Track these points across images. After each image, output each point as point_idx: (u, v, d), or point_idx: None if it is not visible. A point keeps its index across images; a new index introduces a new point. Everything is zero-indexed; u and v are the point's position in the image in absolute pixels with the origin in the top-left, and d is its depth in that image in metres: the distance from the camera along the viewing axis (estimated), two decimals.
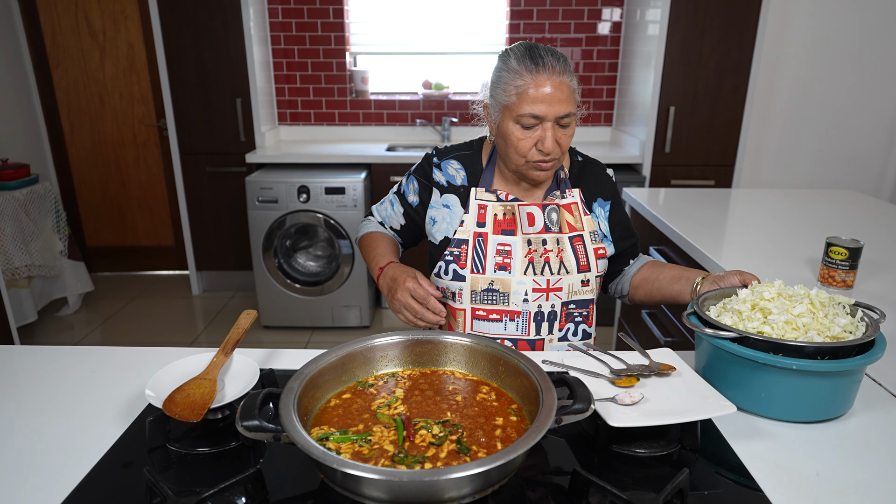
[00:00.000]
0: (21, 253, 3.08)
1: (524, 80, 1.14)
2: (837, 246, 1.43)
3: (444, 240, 1.31)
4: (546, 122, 1.15)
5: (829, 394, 0.91)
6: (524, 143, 1.18)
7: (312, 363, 0.87)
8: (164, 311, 3.62)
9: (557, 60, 1.15)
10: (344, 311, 3.35)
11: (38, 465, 0.83)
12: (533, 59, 1.14)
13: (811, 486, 0.79)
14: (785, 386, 0.91)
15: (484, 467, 0.65)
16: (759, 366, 0.91)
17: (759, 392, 0.93)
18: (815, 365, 0.87)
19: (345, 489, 0.69)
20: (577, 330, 1.31)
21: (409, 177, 1.40)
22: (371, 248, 1.38)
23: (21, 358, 1.15)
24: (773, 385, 0.92)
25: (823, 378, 0.90)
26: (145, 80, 3.77)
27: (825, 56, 3.54)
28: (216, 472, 0.82)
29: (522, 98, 1.15)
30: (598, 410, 0.84)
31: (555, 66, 1.14)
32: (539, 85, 1.13)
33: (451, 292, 1.31)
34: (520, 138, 1.18)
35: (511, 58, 1.17)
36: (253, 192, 3.14)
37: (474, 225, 1.29)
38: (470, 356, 0.96)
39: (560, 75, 1.14)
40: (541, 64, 1.14)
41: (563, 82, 1.14)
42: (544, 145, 1.16)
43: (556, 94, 1.13)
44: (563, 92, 1.14)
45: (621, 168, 3.42)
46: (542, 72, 1.13)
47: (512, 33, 3.69)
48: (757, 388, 0.93)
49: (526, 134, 1.17)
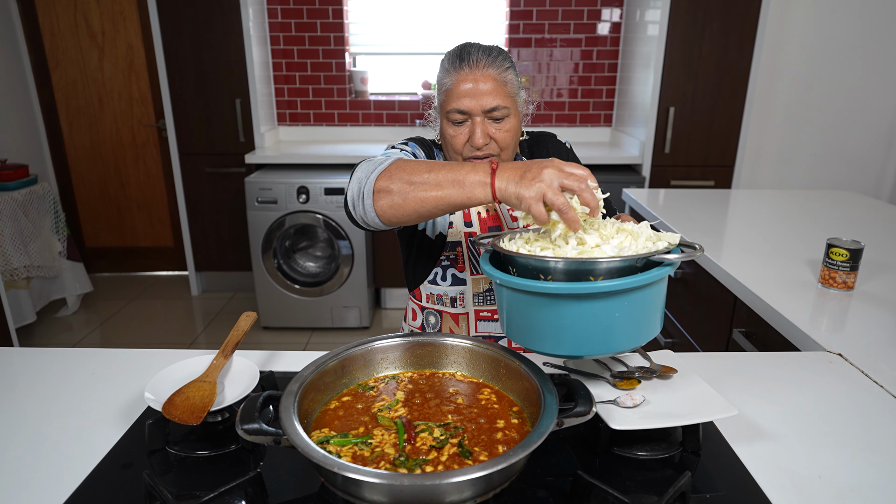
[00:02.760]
0: (20, 254, 3.07)
1: (449, 77, 1.15)
2: (838, 247, 1.43)
3: (439, 238, 1.28)
4: (475, 117, 1.15)
5: (578, 321, 0.79)
6: (457, 140, 1.18)
7: (312, 366, 0.86)
8: (163, 312, 3.62)
9: (487, 55, 1.14)
10: (343, 311, 3.34)
11: (36, 469, 0.83)
12: (459, 57, 1.15)
13: (813, 489, 0.79)
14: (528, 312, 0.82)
15: (485, 471, 0.64)
16: (519, 294, 0.82)
17: (521, 323, 0.85)
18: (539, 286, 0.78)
19: (345, 493, 0.69)
20: None
21: (410, 144, 1.25)
22: (434, 162, 0.96)
23: (20, 360, 1.14)
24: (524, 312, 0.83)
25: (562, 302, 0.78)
26: (144, 80, 3.77)
27: (824, 57, 3.54)
28: (216, 475, 0.81)
29: (448, 95, 1.15)
30: (599, 413, 0.84)
31: (480, 60, 1.13)
32: (462, 80, 1.13)
33: (450, 299, 1.29)
34: (452, 135, 1.18)
35: (444, 59, 1.19)
36: (252, 192, 3.14)
37: (463, 225, 1.27)
38: (471, 358, 0.95)
39: (485, 68, 1.13)
40: (465, 60, 1.14)
41: (487, 75, 1.13)
42: (473, 140, 1.15)
43: (480, 88, 1.13)
44: (488, 85, 1.13)
45: (621, 168, 3.42)
46: (464, 67, 1.14)
47: (511, 34, 3.68)
48: (518, 319, 0.85)
49: (458, 130, 1.17)
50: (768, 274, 1.55)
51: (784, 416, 0.96)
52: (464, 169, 0.89)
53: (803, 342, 1.24)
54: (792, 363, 1.14)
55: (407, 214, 0.95)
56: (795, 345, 1.27)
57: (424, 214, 0.94)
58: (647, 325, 0.83)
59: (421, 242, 1.30)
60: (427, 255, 1.30)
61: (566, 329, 0.81)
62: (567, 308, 0.79)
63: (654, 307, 0.83)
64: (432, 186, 0.90)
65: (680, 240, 0.85)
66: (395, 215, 0.95)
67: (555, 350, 0.83)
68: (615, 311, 0.79)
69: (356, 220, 1.01)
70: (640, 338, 0.83)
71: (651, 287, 0.80)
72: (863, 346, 1.19)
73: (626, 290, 0.78)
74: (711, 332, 1.71)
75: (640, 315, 0.81)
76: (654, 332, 0.85)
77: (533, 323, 0.83)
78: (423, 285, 1.32)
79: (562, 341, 0.82)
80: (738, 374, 1.09)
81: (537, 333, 0.83)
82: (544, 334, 0.82)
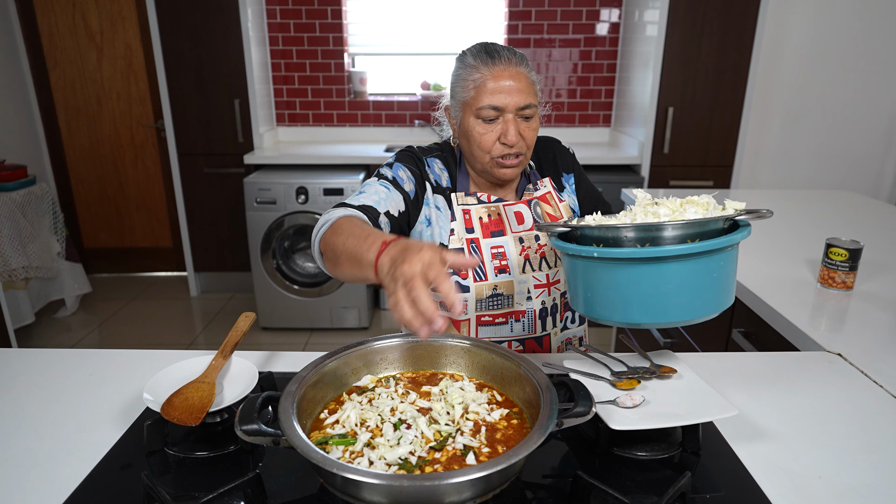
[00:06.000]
0: (18, 254, 3.06)
1: (481, 72, 1.14)
2: (837, 247, 1.43)
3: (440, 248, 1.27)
4: (507, 114, 1.14)
5: (652, 287, 0.81)
6: (487, 138, 1.16)
7: (311, 366, 0.86)
8: (161, 313, 3.61)
9: (514, 54, 1.15)
10: (342, 312, 3.34)
11: (35, 469, 0.82)
12: (489, 53, 1.15)
13: (813, 489, 0.79)
14: (602, 280, 0.83)
15: (485, 472, 0.64)
16: (585, 261, 0.84)
17: (587, 293, 0.86)
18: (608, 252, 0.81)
19: (344, 494, 0.69)
20: (574, 317, 1.31)
21: (394, 166, 1.22)
22: (358, 229, 0.93)
23: (18, 361, 1.14)
24: (596, 281, 0.84)
25: (633, 266, 0.80)
26: (143, 80, 3.76)
27: (823, 57, 3.54)
28: (215, 476, 0.81)
29: (481, 90, 1.14)
30: (599, 413, 0.84)
31: (511, 58, 1.14)
32: (496, 76, 1.13)
33: None
34: (482, 133, 1.16)
35: (467, 55, 1.18)
36: (251, 193, 3.14)
37: (464, 231, 1.24)
38: (470, 359, 0.95)
39: (517, 66, 1.14)
40: (496, 57, 1.14)
41: (520, 73, 1.14)
42: (507, 137, 1.13)
43: (515, 85, 1.13)
44: (522, 82, 1.13)
45: (620, 169, 3.41)
46: (497, 63, 1.13)
47: (510, 34, 3.68)
48: (589, 288, 0.86)
49: (488, 128, 1.15)
50: (767, 274, 1.55)
51: (784, 416, 0.96)
52: (366, 239, 0.87)
53: (803, 342, 1.24)
54: (791, 363, 1.14)
55: (343, 279, 0.98)
56: (795, 345, 1.27)
57: (352, 281, 0.95)
58: (732, 287, 0.86)
59: None
60: None
61: (671, 294, 0.81)
62: (672, 271, 0.80)
63: (729, 274, 0.85)
64: (345, 262, 0.91)
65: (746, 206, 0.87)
66: (337, 276, 0.98)
67: (630, 318, 0.83)
68: (713, 272, 0.81)
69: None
70: (728, 299, 0.85)
71: (729, 251, 0.82)
72: (862, 346, 1.19)
73: (723, 249, 0.80)
74: (711, 332, 1.71)
75: (730, 276, 0.84)
76: (728, 301, 0.86)
77: (631, 295, 0.82)
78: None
79: (669, 308, 0.82)
80: (737, 375, 1.09)
81: (639, 305, 0.82)
82: (647, 304, 0.82)
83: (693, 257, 0.79)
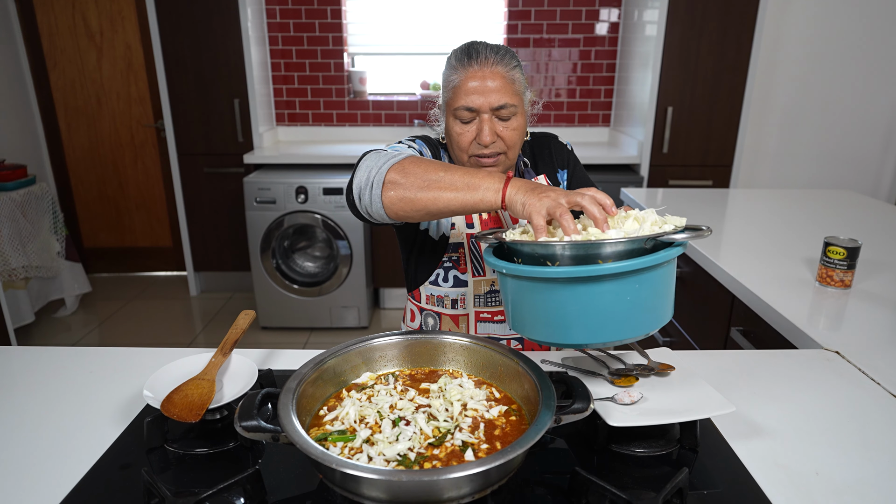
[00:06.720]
0: (18, 254, 3.07)
1: (457, 73, 1.15)
2: (835, 245, 1.43)
3: (442, 239, 1.27)
4: (483, 115, 1.14)
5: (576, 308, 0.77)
6: (464, 138, 1.16)
7: (311, 363, 0.87)
8: (161, 313, 3.62)
9: (495, 53, 1.14)
10: (342, 311, 3.34)
11: (35, 467, 0.83)
12: (467, 54, 1.15)
13: (810, 486, 0.79)
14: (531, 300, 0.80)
15: (483, 467, 0.65)
16: (521, 281, 0.81)
17: (525, 314, 0.83)
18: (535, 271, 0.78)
19: (344, 489, 0.69)
20: None
21: (417, 141, 1.24)
22: (445, 163, 0.97)
23: (18, 359, 1.14)
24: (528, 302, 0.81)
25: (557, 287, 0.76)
26: (143, 80, 3.77)
27: (823, 56, 3.55)
28: (214, 472, 0.82)
29: (456, 92, 1.14)
30: (597, 410, 0.84)
31: (489, 58, 1.13)
32: (470, 77, 1.13)
33: (450, 300, 1.29)
34: (459, 133, 1.17)
35: (451, 56, 1.18)
36: (251, 192, 3.14)
37: (465, 227, 1.26)
38: (469, 356, 0.96)
39: (494, 66, 1.13)
40: (473, 57, 1.14)
41: (496, 73, 1.13)
42: (481, 138, 1.14)
43: (489, 85, 1.12)
44: (498, 82, 1.13)
45: (619, 168, 3.42)
46: (473, 65, 1.13)
47: (510, 34, 3.69)
48: (523, 309, 0.83)
49: (465, 128, 1.16)
50: (766, 272, 1.55)
51: (781, 414, 0.96)
52: (479, 174, 0.91)
53: (801, 340, 1.24)
54: (789, 361, 1.14)
55: (416, 210, 0.94)
56: (793, 342, 1.27)
57: (433, 213, 0.94)
58: (658, 310, 0.81)
59: (423, 243, 1.29)
60: (429, 255, 1.29)
61: (576, 317, 0.78)
62: (577, 293, 0.76)
63: (664, 291, 0.81)
64: (446, 186, 0.91)
65: (686, 223, 0.83)
66: (403, 209, 0.95)
67: (564, 339, 0.80)
68: (626, 295, 0.76)
69: (359, 209, 1.00)
70: (652, 323, 0.80)
71: (661, 268, 0.78)
72: (860, 344, 1.19)
73: (637, 272, 0.75)
74: (709, 330, 1.71)
75: (651, 299, 0.79)
76: (667, 317, 0.83)
77: (540, 313, 0.80)
78: (424, 286, 1.31)
79: (572, 330, 0.78)
80: (735, 372, 1.09)
81: (545, 323, 0.80)
82: (552, 324, 0.79)
83: (619, 277, 0.75)
